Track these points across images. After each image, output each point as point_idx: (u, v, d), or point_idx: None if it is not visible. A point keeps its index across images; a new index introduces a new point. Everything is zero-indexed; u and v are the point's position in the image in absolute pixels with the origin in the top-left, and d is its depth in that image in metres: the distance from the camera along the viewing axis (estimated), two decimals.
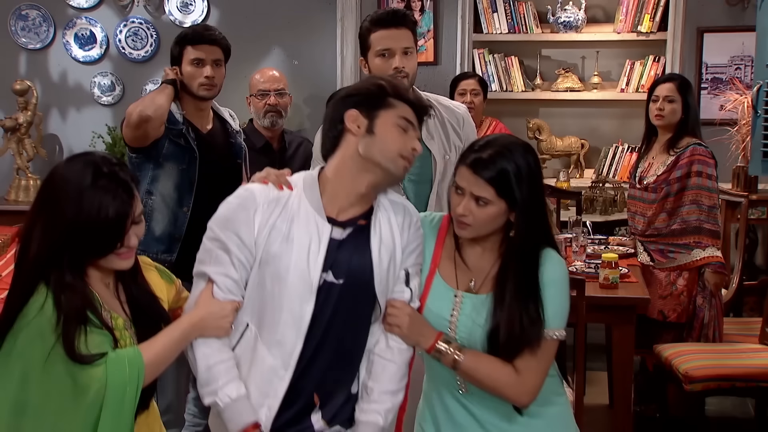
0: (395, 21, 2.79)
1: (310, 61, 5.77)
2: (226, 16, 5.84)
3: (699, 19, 5.36)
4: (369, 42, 2.82)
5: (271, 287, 2.05)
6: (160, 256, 3.11)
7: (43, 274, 1.92)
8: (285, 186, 2.11)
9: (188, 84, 3.24)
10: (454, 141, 2.90)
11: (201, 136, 3.28)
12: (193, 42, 3.23)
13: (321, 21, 5.76)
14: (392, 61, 2.77)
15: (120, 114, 5.93)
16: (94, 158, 1.99)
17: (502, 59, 5.68)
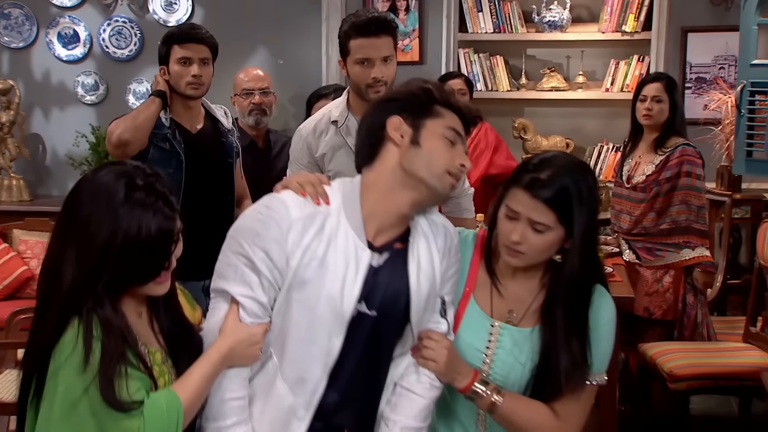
0: (376, 29, 2.77)
1: (295, 61, 5.76)
2: (210, 15, 5.82)
3: (683, 19, 5.38)
4: (348, 48, 2.80)
5: (298, 316, 1.81)
6: None
7: (77, 305, 1.66)
8: (323, 200, 1.86)
9: (175, 83, 3.24)
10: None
11: (189, 137, 3.27)
12: (179, 41, 3.23)
13: (306, 20, 5.74)
14: (371, 71, 2.76)
15: (104, 113, 5.92)
16: (126, 168, 1.74)
17: (487, 59, 5.68)
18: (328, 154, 2.84)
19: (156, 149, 3.19)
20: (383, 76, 2.77)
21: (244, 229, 1.86)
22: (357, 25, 2.77)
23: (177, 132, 3.25)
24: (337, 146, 2.85)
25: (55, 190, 6.04)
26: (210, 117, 3.39)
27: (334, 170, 2.82)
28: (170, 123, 3.25)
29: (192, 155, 3.24)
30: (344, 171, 2.74)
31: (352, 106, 2.89)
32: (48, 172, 6.03)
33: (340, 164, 2.82)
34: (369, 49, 2.75)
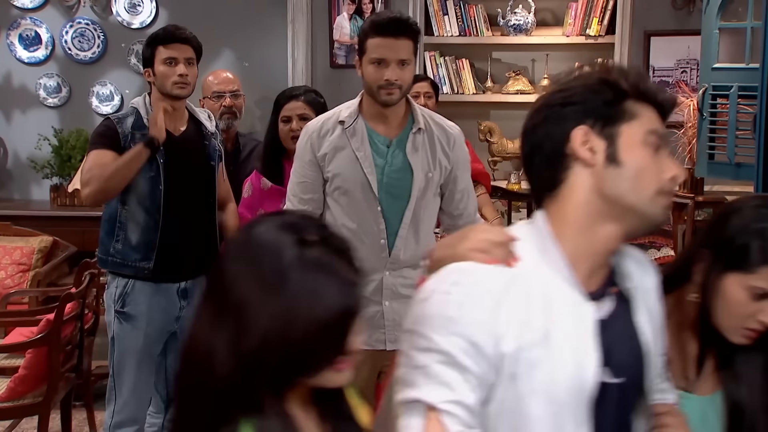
0: (395, 30, 2.67)
1: (261, 63, 5.73)
2: (174, 17, 5.78)
3: (646, 23, 5.44)
4: (365, 47, 2.71)
5: (526, 410, 1.37)
6: (138, 265, 3.13)
7: (237, 400, 1.27)
8: (512, 258, 1.43)
9: (161, 84, 3.20)
10: (440, 160, 2.81)
11: (172, 140, 3.23)
12: (164, 42, 3.20)
13: (271, 22, 5.73)
14: (385, 72, 2.67)
15: (67, 116, 5.86)
16: (292, 220, 1.33)
17: (453, 62, 5.70)
18: (329, 155, 2.77)
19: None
20: (397, 79, 2.68)
21: (429, 318, 1.37)
22: (377, 23, 2.69)
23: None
24: (339, 147, 2.77)
25: (17, 193, 5.96)
26: (193, 120, 3.35)
27: (333, 172, 2.77)
28: None
29: (173, 158, 3.20)
30: (343, 174, 2.74)
31: (363, 109, 2.81)
32: (9, 175, 5.95)
33: (339, 167, 2.77)
34: (385, 49, 2.67)
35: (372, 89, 2.72)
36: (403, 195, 2.76)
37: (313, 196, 2.82)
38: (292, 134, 3.32)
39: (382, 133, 2.79)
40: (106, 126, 3.20)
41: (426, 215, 2.80)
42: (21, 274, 4.98)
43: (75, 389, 4.03)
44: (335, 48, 5.73)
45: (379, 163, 2.75)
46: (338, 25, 5.71)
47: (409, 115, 2.83)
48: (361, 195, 2.74)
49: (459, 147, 2.85)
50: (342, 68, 5.72)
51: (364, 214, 2.74)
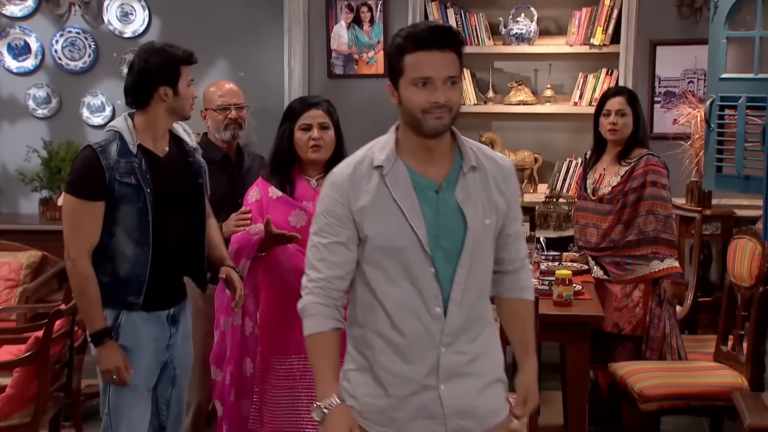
0: (439, 42, 2.26)
1: (257, 73, 5.75)
2: (168, 26, 5.80)
3: (651, 32, 5.46)
4: (402, 66, 2.26)
5: None
6: (128, 299, 3.02)
7: None
8: None
9: (182, 106, 3.09)
10: (497, 202, 2.36)
11: (157, 163, 3.08)
12: (186, 62, 3.11)
13: (267, 32, 5.74)
14: (432, 94, 2.23)
15: (57, 127, 5.87)
16: None
17: None
18: (368, 209, 2.30)
19: (120, 185, 2.98)
20: (447, 100, 2.24)
21: None
22: (414, 35, 2.27)
23: (144, 161, 3.04)
24: (379, 199, 2.31)
25: (5, 207, 5.96)
26: (174, 137, 3.24)
27: (374, 230, 2.30)
28: (138, 151, 3.04)
29: (160, 184, 3.05)
30: (386, 232, 2.29)
31: (401, 146, 2.33)
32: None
33: (381, 223, 2.29)
34: (429, 65, 2.24)
35: (415, 117, 2.27)
36: (455, 250, 2.31)
37: (346, 258, 2.34)
38: (313, 143, 3.30)
39: (428, 175, 2.32)
40: (87, 161, 2.99)
41: (482, 271, 2.37)
42: (9, 290, 4.97)
43: (64, 409, 4.01)
44: (333, 57, 5.75)
45: (428, 213, 2.30)
46: (336, 34, 5.73)
47: (455, 151, 2.37)
48: (409, 256, 2.28)
49: (514, 183, 2.45)
50: (339, 78, 5.74)
51: (414, 280, 2.29)
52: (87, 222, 2.97)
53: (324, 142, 3.29)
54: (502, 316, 2.49)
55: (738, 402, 3.21)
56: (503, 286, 2.48)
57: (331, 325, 2.30)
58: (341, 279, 2.34)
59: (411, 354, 2.28)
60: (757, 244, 3.71)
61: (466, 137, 2.37)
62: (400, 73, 2.27)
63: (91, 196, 2.95)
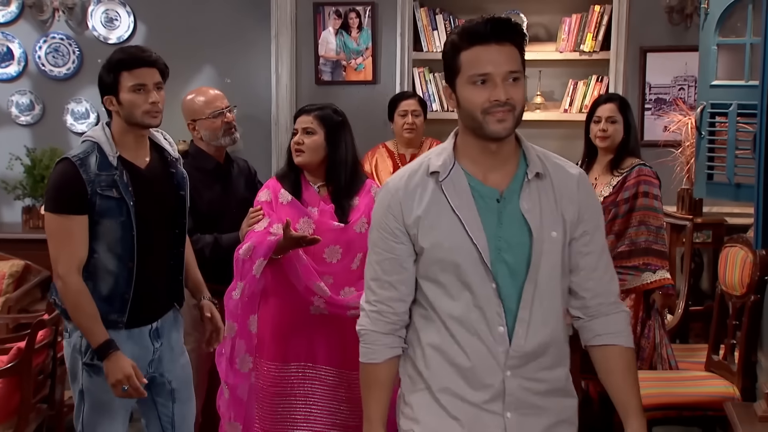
0: (497, 34, 2.09)
1: (244, 80, 5.74)
2: (153, 32, 5.79)
3: (642, 39, 5.47)
4: (458, 64, 2.11)
5: None
6: (110, 317, 2.93)
7: None
8: None
9: (129, 113, 2.95)
10: (564, 213, 2.18)
11: (138, 175, 3.00)
12: (130, 66, 2.95)
13: (254, 38, 5.74)
14: (492, 92, 2.07)
15: (40, 134, 5.84)
16: None
17: (442, 78, 5.66)
18: (424, 219, 2.15)
19: (102, 199, 2.90)
20: (510, 98, 2.08)
21: None
22: (469, 29, 2.12)
23: (125, 172, 2.96)
24: (435, 208, 2.15)
25: None
26: (155, 146, 3.13)
27: (430, 242, 2.14)
28: (118, 162, 2.95)
29: (143, 196, 2.98)
30: (444, 243, 2.12)
31: (460, 151, 2.19)
32: None
33: (438, 235, 2.14)
34: (488, 61, 2.08)
35: (475, 118, 2.11)
36: (521, 264, 2.14)
37: (401, 277, 2.19)
38: (295, 147, 3.38)
39: (489, 182, 2.17)
40: (65, 175, 2.90)
41: (550, 288, 2.16)
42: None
43: (47, 421, 3.99)
44: (321, 64, 5.74)
45: (489, 224, 2.14)
46: (324, 40, 5.73)
47: (520, 156, 2.21)
48: (469, 270, 2.12)
49: (587, 193, 2.23)
50: (328, 85, 5.73)
51: (475, 296, 2.13)
52: (72, 237, 2.89)
53: (305, 146, 3.34)
54: (598, 369, 2.24)
55: (730, 412, 3.21)
56: (592, 332, 2.23)
57: (386, 356, 2.19)
58: (399, 301, 2.19)
59: (473, 376, 2.12)
60: (748, 253, 3.72)
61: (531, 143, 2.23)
62: (456, 73, 2.12)
63: (73, 209, 2.88)
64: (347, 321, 3.20)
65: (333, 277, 3.31)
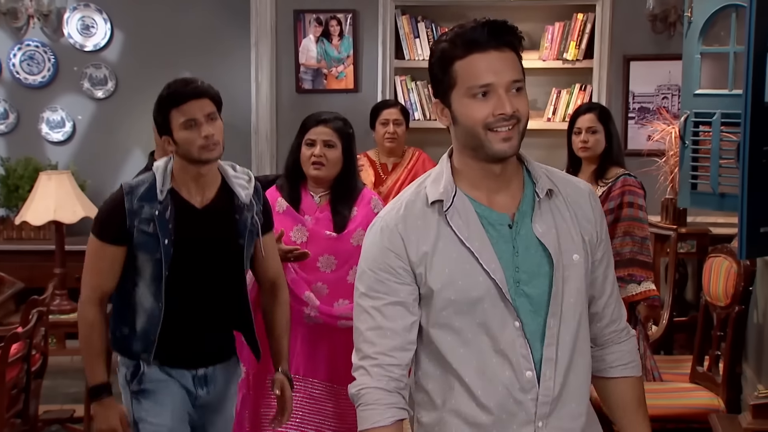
0: (496, 39, 1.88)
1: (223, 88, 5.58)
2: (130, 39, 5.78)
3: (625, 47, 5.51)
4: (452, 76, 1.89)
5: None
6: (141, 354, 2.83)
7: None
8: None
9: (186, 152, 2.80)
10: (583, 233, 1.97)
11: (190, 213, 2.84)
12: (177, 102, 2.80)
13: (234, 46, 5.74)
14: (496, 105, 1.85)
15: (15, 143, 5.81)
16: None
17: (425, 86, 5.74)
18: (431, 256, 1.91)
19: (139, 232, 2.79)
20: (515, 110, 1.87)
21: None
22: (464, 35, 1.90)
23: (171, 208, 2.81)
24: (440, 242, 1.91)
25: None
26: (225, 187, 2.91)
27: (440, 282, 1.89)
28: (167, 197, 2.81)
29: (187, 236, 2.82)
30: (455, 281, 1.88)
31: (459, 176, 1.96)
32: None
33: (448, 272, 1.89)
34: (487, 69, 1.87)
35: (476, 136, 1.88)
36: (541, 296, 1.91)
37: (407, 323, 1.94)
38: (314, 160, 3.31)
39: (496, 207, 1.94)
40: (112, 200, 2.84)
41: (577, 321, 1.94)
42: None
43: None
44: (301, 72, 5.75)
45: (503, 254, 1.91)
46: (304, 48, 5.74)
47: (523, 174, 1.99)
48: (487, 309, 1.88)
49: (599, 211, 2.03)
50: (308, 93, 5.74)
51: (496, 339, 1.89)
52: (102, 266, 2.81)
53: (326, 160, 3.28)
54: (608, 401, 2.07)
55: (714, 424, 3.23)
56: (603, 363, 2.04)
57: (393, 417, 1.89)
58: (403, 351, 1.93)
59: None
60: (732, 263, 3.74)
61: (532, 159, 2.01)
62: (450, 86, 1.89)
63: (110, 238, 2.81)
64: (336, 333, 3.20)
65: (328, 287, 3.29)
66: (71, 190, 4.56)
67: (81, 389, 4.65)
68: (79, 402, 4.60)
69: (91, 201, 4.75)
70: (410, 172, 4.82)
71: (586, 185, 2.05)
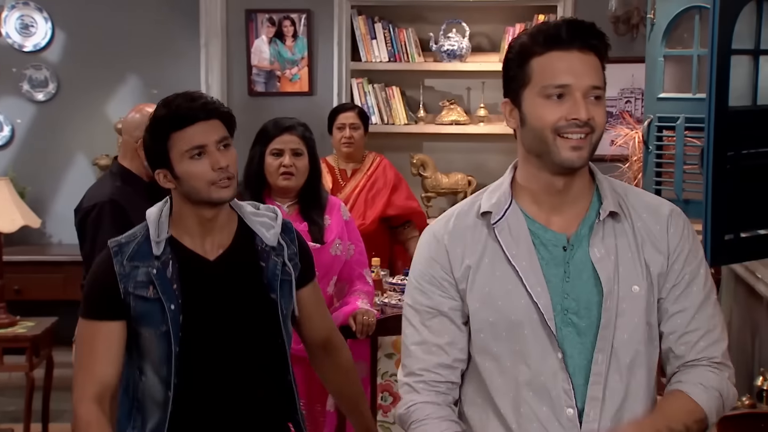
0: (581, 39, 1.79)
1: (171, 90, 5.48)
2: (73, 39, 5.72)
3: None
4: (528, 72, 1.82)
5: None
6: None
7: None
8: None
9: (192, 189, 2.24)
10: (650, 263, 1.85)
11: (200, 268, 2.29)
12: (179, 125, 2.22)
13: (183, 46, 5.71)
14: (570, 108, 1.77)
15: None
16: None
17: (382, 89, 5.75)
18: (474, 270, 1.85)
19: (137, 300, 2.23)
20: (591, 117, 1.77)
21: None
22: (546, 32, 1.81)
23: (173, 264, 2.25)
24: (485, 256, 1.85)
25: None
26: (243, 229, 2.37)
27: (478, 301, 1.84)
28: (166, 249, 2.25)
29: (199, 299, 2.27)
30: (494, 302, 1.82)
31: (519, 188, 1.90)
32: None
33: (487, 291, 1.83)
34: (567, 70, 1.78)
35: (544, 140, 1.80)
36: (591, 328, 1.80)
37: (454, 338, 1.87)
38: (284, 170, 3.23)
39: (553, 226, 1.86)
40: (98, 266, 2.29)
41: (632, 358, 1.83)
42: None
43: None
44: (253, 74, 5.73)
45: (552, 278, 1.81)
46: (257, 49, 5.72)
47: (593, 194, 1.90)
48: (527, 336, 1.80)
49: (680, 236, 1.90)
50: (261, 96, 5.72)
51: (535, 370, 1.79)
52: (94, 352, 2.23)
53: (296, 169, 3.24)
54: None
55: None
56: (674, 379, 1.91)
57: (450, 430, 1.81)
58: (448, 368, 1.86)
59: None
60: None
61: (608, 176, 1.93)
62: (524, 83, 1.82)
63: (102, 314, 2.24)
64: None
65: None
66: (9, 197, 4.50)
67: (19, 407, 4.59)
68: (18, 421, 4.53)
69: (30, 209, 4.69)
70: (369, 178, 4.81)
71: (670, 208, 1.93)
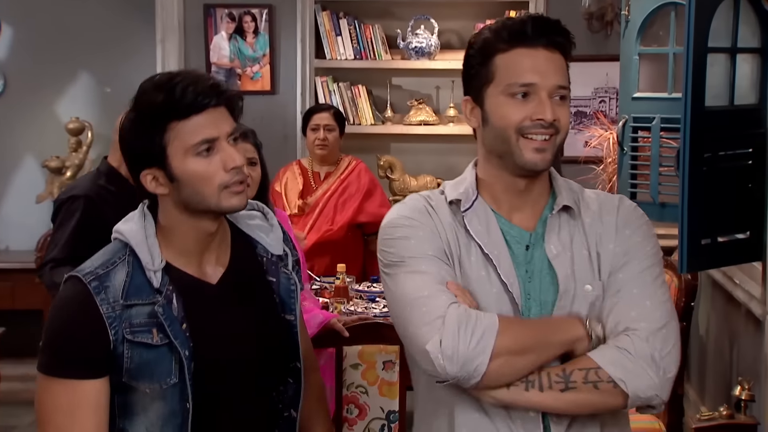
0: (547, 37, 1.81)
1: (126, 89, 5.49)
2: (20, 34, 5.66)
3: None
4: (491, 68, 1.80)
5: None
6: None
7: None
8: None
9: (194, 195, 1.85)
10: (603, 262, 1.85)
11: (204, 297, 1.92)
12: (183, 113, 1.83)
13: (138, 42, 5.65)
14: (535, 108, 1.77)
15: None
16: None
17: (348, 88, 5.71)
18: (456, 253, 1.84)
19: (135, 348, 1.82)
20: (556, 118, 1.78)
21: None
22: (511, 27, 1.80)
23: (176, 296, 1.86)
24: (462, 249, 1.83)
25: None
26: (241, 240, 2.02)
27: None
28: (164, 280, 1.86)
29: (210, 337, 1.88)
30: (468, 281, 1.81)
31: (483, 183, 1.89)
32: None
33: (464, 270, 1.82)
34: (532, 69, 1.78)
35: (506, 140, 1.79)
36: None
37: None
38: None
39: (517, 221, 1.86)
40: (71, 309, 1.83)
41: None
42: None
43: None
44: (213, 72, 5.67)
45: (519, 277, 1.82)
46: (216, 46, 5.67)
47: (550, 194, 1.92)
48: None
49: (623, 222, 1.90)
50: None
51: None
52: (77, 424, 1.80)
53: (251, 179, 3.18)
54: None
55: None
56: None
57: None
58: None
59: None
60: (673, 277, 3.78)
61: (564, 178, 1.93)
62: (487, 81, 1.80)
63: (79, 371, 1.80)
64: None
65: None
66: None
67: None
68: None
69: None
70: (342, 182, 4.77)
71: (620, 197, 1.96)
